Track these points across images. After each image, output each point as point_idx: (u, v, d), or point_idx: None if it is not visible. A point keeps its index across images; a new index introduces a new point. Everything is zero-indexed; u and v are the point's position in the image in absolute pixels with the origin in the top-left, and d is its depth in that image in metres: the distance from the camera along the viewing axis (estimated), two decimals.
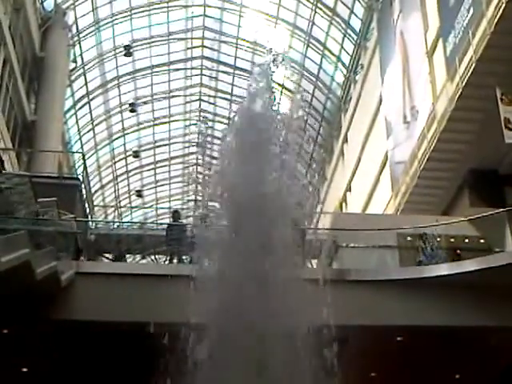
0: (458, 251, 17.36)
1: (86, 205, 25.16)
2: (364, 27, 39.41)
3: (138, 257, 21.20)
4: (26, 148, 34.34)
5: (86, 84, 44.44)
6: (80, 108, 45.39)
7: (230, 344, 9.53)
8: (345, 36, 41.47)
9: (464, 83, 21.61)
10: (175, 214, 19.18)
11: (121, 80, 46.69)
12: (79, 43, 41.70)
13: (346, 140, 43.35)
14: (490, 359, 15.75)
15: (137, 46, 44.87)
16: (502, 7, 19.18)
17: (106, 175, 52.89)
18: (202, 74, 49.90)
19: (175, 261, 17.51)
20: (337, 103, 45.93)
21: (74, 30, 40.20)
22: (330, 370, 9.26)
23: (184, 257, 17.19)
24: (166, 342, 10.03)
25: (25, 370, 16.17)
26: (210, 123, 50.70)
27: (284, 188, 11.08)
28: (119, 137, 51.31)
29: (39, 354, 15.25)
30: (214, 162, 11.89)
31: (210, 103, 52.04)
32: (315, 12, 41.39)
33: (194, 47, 47.65)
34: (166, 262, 17.94)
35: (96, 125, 48.11)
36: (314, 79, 45.39)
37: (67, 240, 16.81)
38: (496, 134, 20.37)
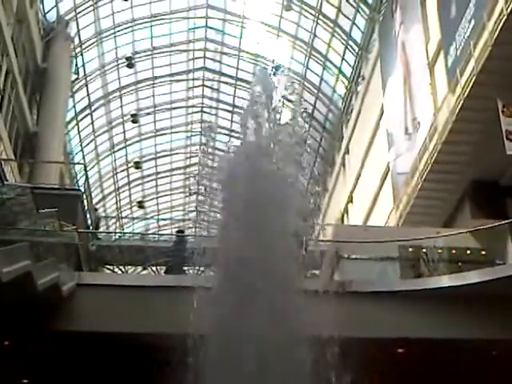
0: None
1: (88, 216, 25.16)
2: (365, 39, 39.52)
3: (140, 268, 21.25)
4: (28, 159, 34.38)
5: (87, 95, 44.55)
6: (82, 119, 45.49)
7: (230, 355, 9.54)
8: (346, 47, 41.57)
9: (465, 95, 21.63)
10: (179, 233, 19.76)
11: (123, 91, 46.81)
12: (81, 54, 41.83)
13: (347, 151, 43.39)
14: (493, 372, 15.69)
15: (139, 57, 45.00)
16: (504, 19, 19.22)
17: (108, 186, 52.94)
18: (203, 85, 50.01)
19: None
20: (338, 114, 46.00)
21: (76, 41, 40.33)
22: (330, 382, 9.25)
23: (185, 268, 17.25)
24: (167, 354, 10.03)
25: (25, 381, 16.14)
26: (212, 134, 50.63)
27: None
28: (121, 148, 51.37)
29: (40, 366, 15.22)
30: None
31: (212, 114, 52.12)
32: (317, 24, 41.54)
33: (196, 58, 47.78)
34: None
35: (98, 136, 48.21)
36: (315, 91, 45.50)
37: (68, 251, 16.81)
38: (497, 146, 20.38)
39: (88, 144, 47.63)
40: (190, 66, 48.29)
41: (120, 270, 20.57)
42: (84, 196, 24.20)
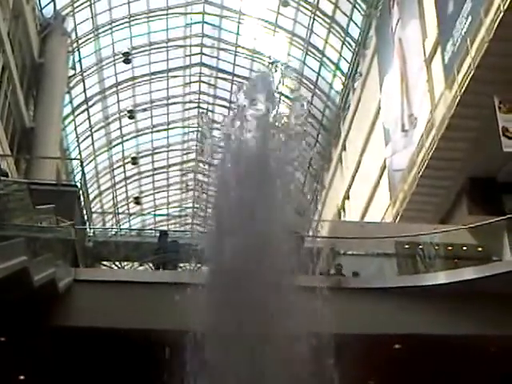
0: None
1: (84, 211, 25.12)
2: (362, 35, 39.47)
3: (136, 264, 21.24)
4: (25, 154, 34.31)
5: (84, 90, 44.45)
6: (78, 114, 45.38)
7: (229, 351, 9.53)
8: (343, 44, 41.51)
9: (462, 91, 21.63)
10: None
11: (119, 87, 46.72)
12: (78, 50, 41.73)
13: (344, 148, 43.36)
14: (489, 368, 15.71)
15: (136, 52, 44.92)
16: (501, 15, 19.23)
17: (105, 182, 52.86)
18: (200, 81, 49.95)
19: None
20: (335, 111, 45.96)
21: (73, 36, 40.20)
22: (327, 378, 9.25)
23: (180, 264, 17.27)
24: (164, 350, 10.04)
25: (22, 377, 16.13)
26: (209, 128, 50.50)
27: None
28: (118, 143, 51.30)
29: (37, 362, 15.22)
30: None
31: (209, 110, 52.04)
32: (314, 20, 41.46)
33: (193, 54, 47.70)
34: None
35: (94, 131, 48.11)
36: (312, 87, 45.44)
37: (65, 247, 16.79)
38: (494, 142, 20.39)
39: (84, 140, 47.54)
40: (186, 62, 48.20)
41: (116, 265, 20.57)
42: (81, 192, 24.14)
